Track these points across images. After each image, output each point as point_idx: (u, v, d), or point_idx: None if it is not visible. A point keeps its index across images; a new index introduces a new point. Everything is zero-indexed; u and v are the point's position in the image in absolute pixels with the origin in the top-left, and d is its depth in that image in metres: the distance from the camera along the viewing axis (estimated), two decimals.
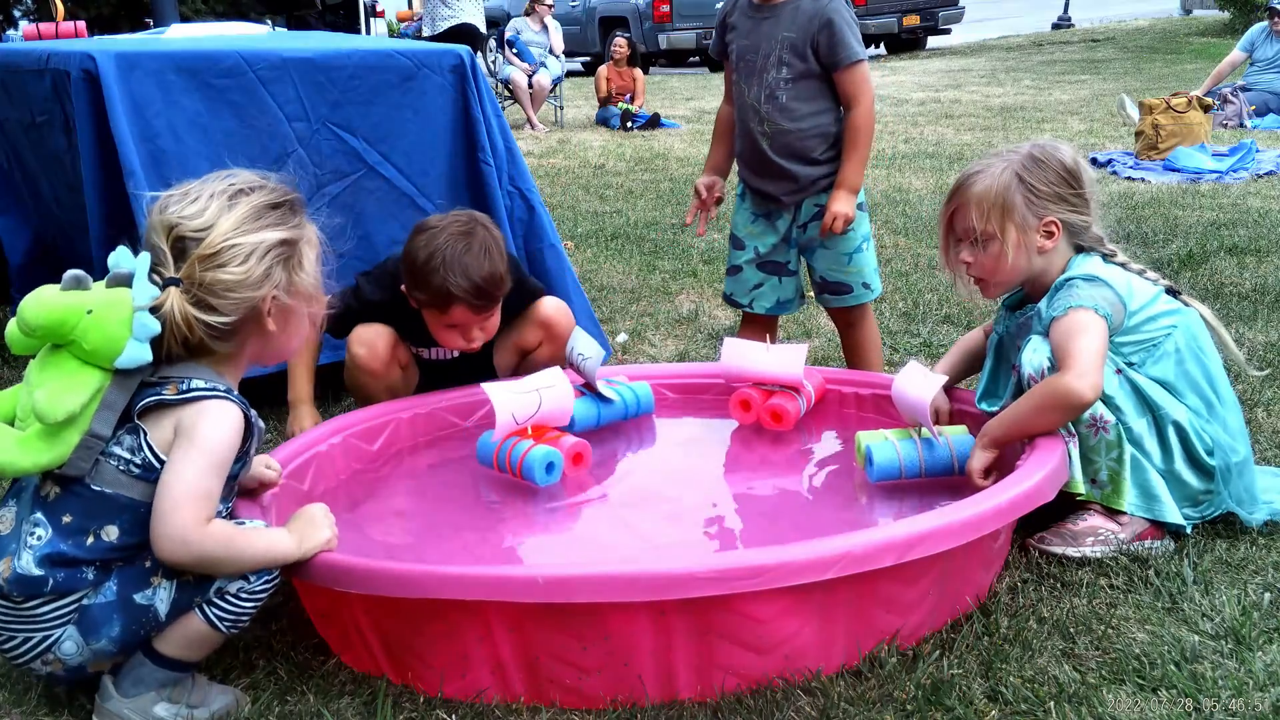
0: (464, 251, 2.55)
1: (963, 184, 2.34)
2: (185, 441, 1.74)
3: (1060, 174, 2.29)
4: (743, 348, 2.75)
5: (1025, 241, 2.29)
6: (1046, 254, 2.30)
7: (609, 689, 1.77)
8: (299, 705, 1.82)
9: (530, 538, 2.30)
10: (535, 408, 2.46)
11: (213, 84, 3.02)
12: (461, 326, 2.63)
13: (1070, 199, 2.29)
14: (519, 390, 2.45)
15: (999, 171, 2.29)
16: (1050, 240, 2.29)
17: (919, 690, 1.76)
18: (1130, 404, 2.20)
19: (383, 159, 3.26)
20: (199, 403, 1.75)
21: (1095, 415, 2.16)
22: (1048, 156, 2.30)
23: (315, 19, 19.58)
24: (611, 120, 11.02)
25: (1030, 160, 2.29)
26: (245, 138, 3.05)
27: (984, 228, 2.30)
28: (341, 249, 3.17)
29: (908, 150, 8.36)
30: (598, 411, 2.71)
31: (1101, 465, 2.19)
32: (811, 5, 2.91)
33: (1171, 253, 4.64)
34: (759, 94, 2.96)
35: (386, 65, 3.25)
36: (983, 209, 2.29)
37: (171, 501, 1.69)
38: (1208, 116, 7.53)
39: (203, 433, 1.74)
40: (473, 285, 2.55)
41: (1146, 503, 2.19)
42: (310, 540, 1.84)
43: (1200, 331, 2.29)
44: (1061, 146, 2.34)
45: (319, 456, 2.44)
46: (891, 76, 14.80)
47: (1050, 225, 2.28)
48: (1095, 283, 2.22)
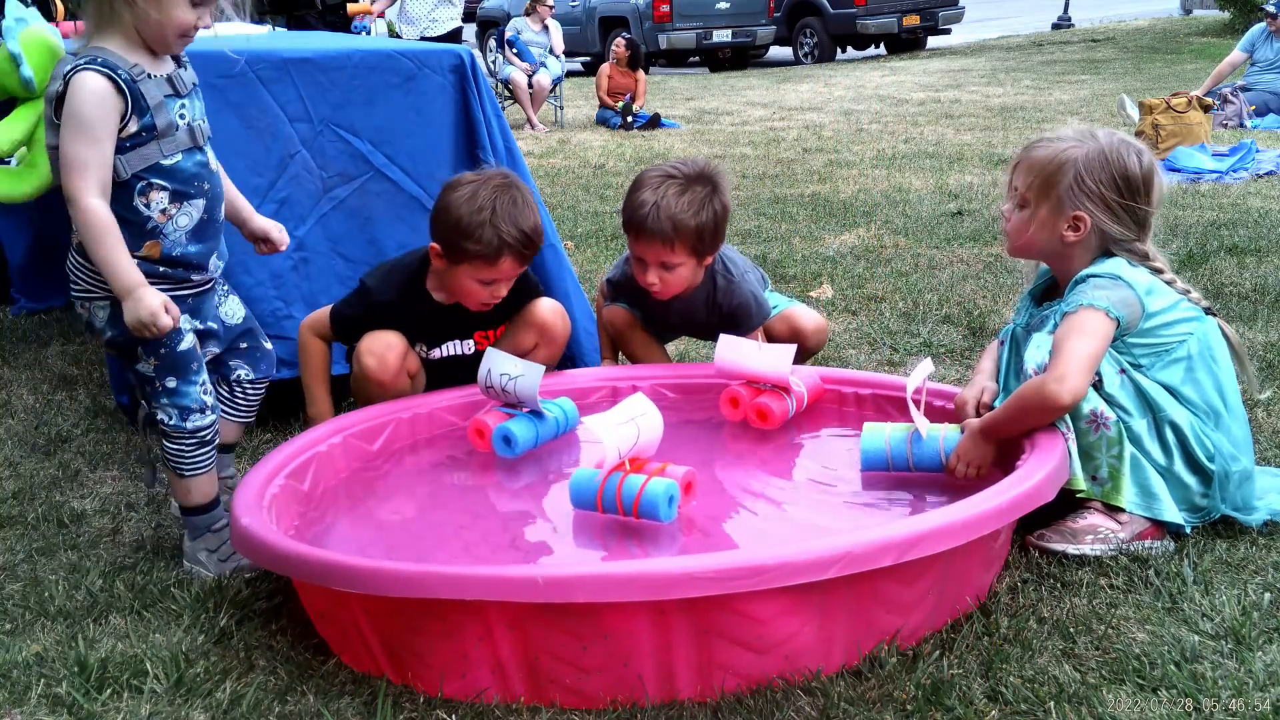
0: (510, 203, 2.62)
1: (1033, 144, 2.36)
2: (64, 115, 2.02)
3: (1117, 181, 2.25)
4: (737, 345, 2.76)
5: (1053, 223, 2.29)
6: (1070, 245, 2.30)
7: (609, 689, 1.77)
8: (299, 705, 1.82)
9: (530, 538, 2.30)
10: (634, 439, 2.23)
11: (212, 84, 3.00)
12: (496, 282, 2.68)
13: (1116, 207, 2.26)
14: (617, 422, 2.22)
15: (1065, 149, 2.28)
16: (1075, 234, 2.28)
17: (919, 690, 1.77)
18: (1132, 404, 2.20)
19: (388, 161, 3.24)
20: (72, 78, 2.01)
21: (1095, 411, 2.16)
22: (1117, 159, 2.26)
23: (315, 19, 19.56)
24: (611, 120, 11.02)
25: (1098, 154, 2.26)
26: (247, 138, 3.04)
27: (1024, 193, 2.32)
28: (352, 255, 3.18)
29: (908, 150, 8.37)
30: (535, 430, 2.57)
31: (1102, 462, 2.19)
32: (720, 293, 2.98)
33: (1171, 253, 4.63)
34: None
35: (387, 66, 3.24)
36: (1031, 175, 2.31)
37: (63, 168, 2.03)
38: (1208, 116, 7.53)
39: (70, 106, 2.01)
40: (523, 235, 2.61)
41: (1146, 501, 2.20)
42: (140, 301, 2.05)
43: (1217, 342, 2.29)
44: (1137, 156, 2.28)
45: (319, 456, 2.44)
46: (891, 76, 14.81)
47: (1079, 220, 2.27)
48: (1116, 281, 2.22)
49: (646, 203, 2.74)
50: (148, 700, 1.84)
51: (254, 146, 3.05)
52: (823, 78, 15.18)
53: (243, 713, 1.80)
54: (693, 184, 2.77)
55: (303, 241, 3.11)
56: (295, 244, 3.09)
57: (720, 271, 2.96)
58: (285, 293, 3.07)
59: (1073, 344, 2.14)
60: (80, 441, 3.03)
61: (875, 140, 9.03)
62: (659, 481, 2.11)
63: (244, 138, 3.03)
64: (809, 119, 10.77)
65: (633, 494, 2.11)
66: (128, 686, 1.88)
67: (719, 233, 2.82)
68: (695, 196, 2.75)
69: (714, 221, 2.78)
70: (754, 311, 3.01)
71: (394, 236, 3.25)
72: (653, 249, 2.79)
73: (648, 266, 2.83)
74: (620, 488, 2.12)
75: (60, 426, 3.14)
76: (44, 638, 2.04)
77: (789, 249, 5.16)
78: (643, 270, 2.85)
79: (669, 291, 2.87)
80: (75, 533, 2.49)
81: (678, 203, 2.73)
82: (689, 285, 2.90)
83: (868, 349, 3.66)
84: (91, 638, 2.03)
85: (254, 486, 2.19)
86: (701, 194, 2.77)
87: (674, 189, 2.75)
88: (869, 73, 15.59)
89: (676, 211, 2.73)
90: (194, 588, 2.20)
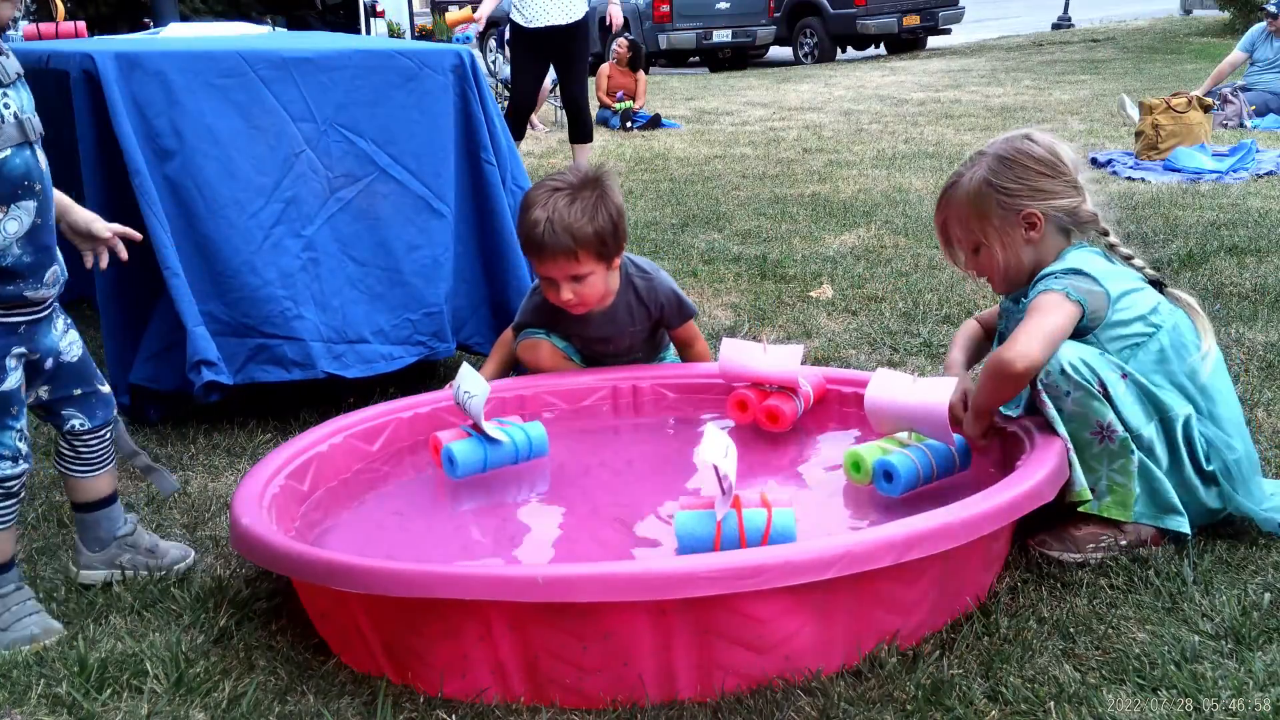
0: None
1: (944, 197, 2.39)
2: None
3: (1031, 168, 2.29)
4: (741, 347, 2.75)
5: (1010, 240, 2.30)
6: (1035, 244, 2.31)
7: (609, 689, 1.77)
8: (299, 705, 1.82)
9: (529, 538, 2.30)
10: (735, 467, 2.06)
11: (214, 84, 3.01)
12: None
13: (1048, 188, 2.29)
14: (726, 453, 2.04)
15: (970, 180, 2.32)
16: (1036, 230, 2.29)
17: (919, 690, 1.77)
18: (1140, 409, 2.17)
19: (393, 161, 3.24)
20: None
21: (1105, 424, 2.14)
22: (1016, 154, 2.30)
23: (315, 19, 19.57)
24: (611, 120, 11.02)
25: (997, 163, 2.30)
26: (251, 138, 3.03)
27: (969, 238, 2.35)
28: (362, 257, 3.19)
29: (908, 150, 8.37)
30: (484, 454, 2.48)
31: (1102, 474, 2.18)
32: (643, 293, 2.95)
33: (1171, 253, 4.64)
34: None
35: (389, 65, 3.24)
36: (964, 221, 2.34)
37: None
38: (1208, 116, 7.52)
39: None
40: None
41: (1154, 512, 2.18)
42: None
43: (1187, 330, 2.28)
44: (1033, 140, 2.32)
45: (319, 456, 2.44)
46: (891, 76, 14.81)
47: (1031, 217, 2.29)
48: (1072, 273, 2.23)
49: (539, 220, 2.69)
50: (147, 700, 1.84)
51: (258, 146, 3.05)
52: (823, 78, 15.18)
53: (243, 713, 1.80)
54: (580, 191, 2.73)
55: (311, 241, 3.11)
56: (303, 244, 3.10)
57: (635, 273, 2.93)
58: (295, 293, 3.06)
59: (1032, 319, 2.17)
60: None
61: (875, 140, 9.03)
62: (781, 513, 1.98)
63: (247, 137, 3.03)
64: (809, 119, 10.77)
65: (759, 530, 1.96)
66: (128, 686, 1.88)
67: (619, 233, 2.78)
68: (586, 203, 2.71)
69: (611, 223, 2.74)
70: (683, 303, 3.00)
71: (403, 238, 3.24)
72: (558, 265, 2.73)
73: (559, 284, 2.76)
74: (742, 528, 1.97)
75: None
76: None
77: (789, 249, 5.16)
78: (555, 289, 2.78)
79: (588, 303, 2.81)
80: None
81: (570, 212, 2.68)
82: (606, 293, 2.84)
83: (868, 349, 3.66)
84: (91, 638, 2.03)
85: (254, 486, 2.19)
86: (592, 198, 2.72)
87: (563, 200, 2.70)
88: (869, 73, 15.59)
89: (571, 221, 2.68)
90: (194, 588, 2.20)
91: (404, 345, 3.25)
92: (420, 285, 3.26)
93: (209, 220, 2.98)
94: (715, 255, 5.03)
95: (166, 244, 2.91)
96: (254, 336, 3.02)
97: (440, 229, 3.30)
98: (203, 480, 2.77)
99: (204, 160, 2.98)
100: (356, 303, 3.17)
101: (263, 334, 3.02)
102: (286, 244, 3.06)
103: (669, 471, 2.60)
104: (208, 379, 2.90)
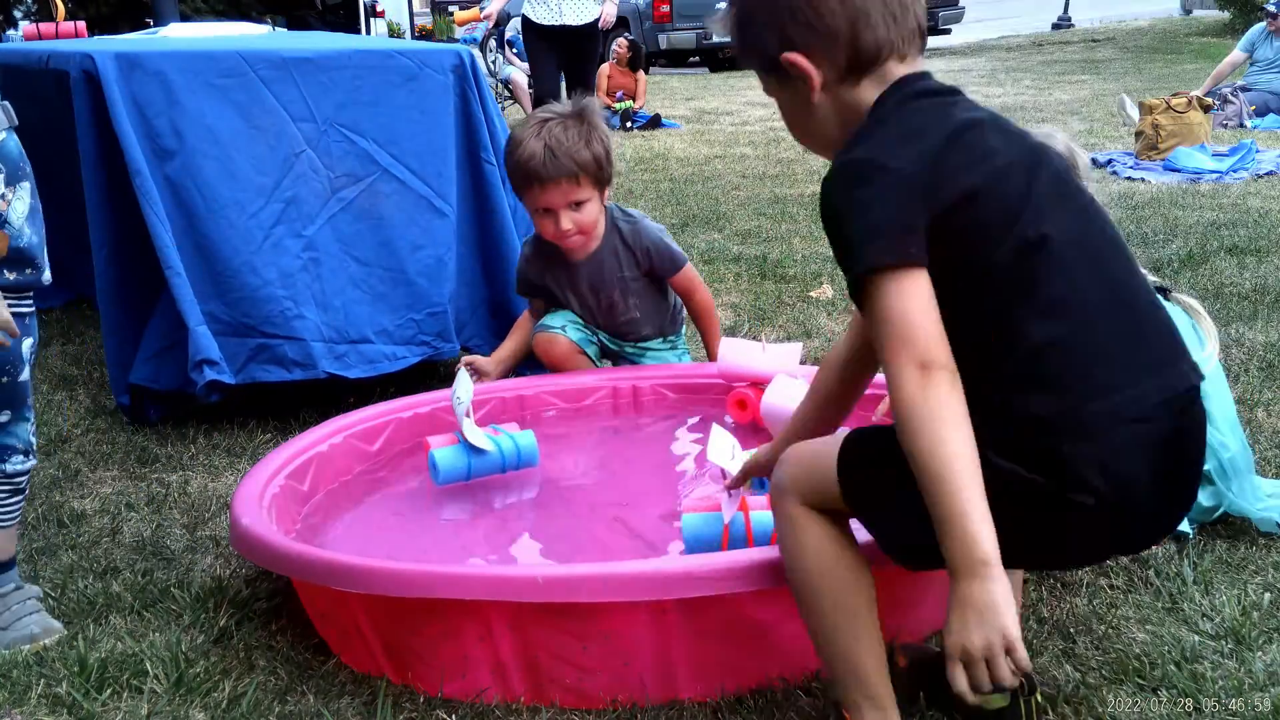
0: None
1: None
2: None
3: None
4: (740, 347, 2.76)
5: None
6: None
7: (609, 689, 1.77)
8: (299, 705, 1.82)
9: (529, 538, 2.30)
10: None
11: (214, 84, 3.01)
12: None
13: None
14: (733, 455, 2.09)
15: None
16: None
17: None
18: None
19: (395, 161, 3.24)
20: None
21: None
22: None
23: (315, 19, 19.58)
24: (611, 120, 11.02)
25: None
26: (251, 138, 3.03)
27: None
28: (365, 257, 3.19)
29: None
30: (468, 462, 2.46)
31: None
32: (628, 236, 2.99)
33: (1171, 253, 4.65)
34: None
35: (389, 65, 3.24)
36: None
37: None
38: (1208, 116, 7.52)
39: None
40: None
41: None
42: None
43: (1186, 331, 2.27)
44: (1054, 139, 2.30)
45: (319, 456, 2.44)
46: None
47: None
48: None
49: (537, 150, 2.76)
50: (147, 700, 1.84)
51: (258, 145, 3.05)
52: None
53: (242, 713, 1.80)
54: (569, 120, 2.82)
55: (312, 241, 3.11)
56: (304, 243, 3.10)
57: (620, 218, 2.99)
58: (295, 293, 3.06)
59: None
60: (80, 441, 3.02)
61: None
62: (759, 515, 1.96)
63: (247, 137, 3.03)
64: None
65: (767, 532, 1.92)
66: (128, 686, 1.88)
67: (611, 160, 2.87)
68: (580, 129, 2.81)
69: (604, 148, 2.83)
70: (671, 250, 3.02)
71: (407, 238, 3.24)
72: (560, 190, 2.79)
73: (559, 214, 2.83)
74: (750, 529, 1.97)
75: (60, 426, 3.14)
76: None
77: (789, 249, 5.16)
78: (553, 221, 2.85)
79: (586, 232, 2.88)
80: (75, 533, 2.49)
81: (567, 137, 2.78)
82: (596, 225, 2.91)
83: None
84: (91, 638, 2.03)
85: (254, 486, 2.19)
86: (583, 127, 2.82)
87: (557, 129, 2.79)
88: None
89: (570, 146, 2.77)
90: (194, 588, 2.20)
91: (408, 345, 3.25)
92: (424, 285, 3.26)
93: (209, 220, 2.98)
94: (715, 255, 5.03)
95: (168, 243, 2.91)
96: (254, 336, 3.02)
97: (443, 229, 3.30)
98: (203, 480, 2.77)
99: (204, 160, 2.98)
100: (359, 303, 3.17)
101: (263, 334, 3.02)
102: (287, 244, 3.06)
103: (669, 471, 2.60)
104: (210, 378, 2.90)
